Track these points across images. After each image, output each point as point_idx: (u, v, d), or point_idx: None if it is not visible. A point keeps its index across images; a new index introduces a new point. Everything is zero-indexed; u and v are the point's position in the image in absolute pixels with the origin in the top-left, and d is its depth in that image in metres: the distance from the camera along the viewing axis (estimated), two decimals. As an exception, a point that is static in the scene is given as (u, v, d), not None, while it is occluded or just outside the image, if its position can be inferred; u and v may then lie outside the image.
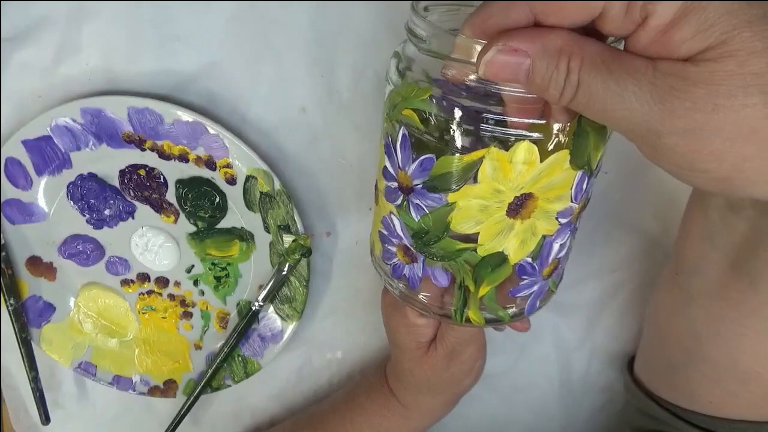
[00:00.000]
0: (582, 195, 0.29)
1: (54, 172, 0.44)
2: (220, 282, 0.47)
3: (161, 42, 0.40)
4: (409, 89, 0.28)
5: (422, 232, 0.30)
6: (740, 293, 0.31)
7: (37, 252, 0.48)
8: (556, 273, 0.33)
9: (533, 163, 0.26)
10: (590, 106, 0.23)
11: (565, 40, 0.22)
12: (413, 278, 0.33)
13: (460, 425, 0.54)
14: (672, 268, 0.37)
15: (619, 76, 0.22)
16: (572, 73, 0.22)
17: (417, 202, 0.30)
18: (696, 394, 0.37)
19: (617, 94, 0.22)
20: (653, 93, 0.21)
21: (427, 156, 0.28)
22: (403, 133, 0.29)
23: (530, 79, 0.23)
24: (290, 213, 0.43)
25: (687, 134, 0.21)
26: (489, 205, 0.28)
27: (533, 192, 0.27)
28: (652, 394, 0.41)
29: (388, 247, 0.34)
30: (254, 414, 0.55)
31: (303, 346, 0.51)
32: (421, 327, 0.40)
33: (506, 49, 0.23)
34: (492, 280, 0.30)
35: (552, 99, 0.23)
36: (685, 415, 0.37)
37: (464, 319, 0.32)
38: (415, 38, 0.27)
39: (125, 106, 0.40)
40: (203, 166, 0.42)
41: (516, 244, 0.29)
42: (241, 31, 0.40)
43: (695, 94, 0.21)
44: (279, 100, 0.42)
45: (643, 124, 0.22)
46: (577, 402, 0.55)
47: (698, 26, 0.21)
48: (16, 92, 0.42)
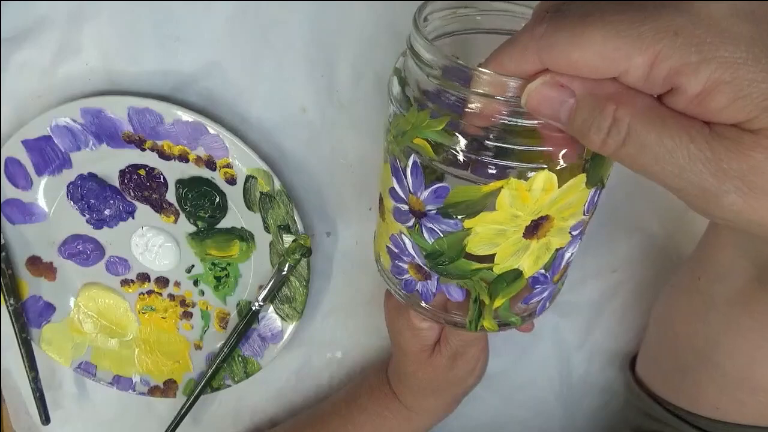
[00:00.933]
0: (593, 207, 0.30)
1: (54, 172, 0.44)
2: (220, 282, 0.47)
3: (161, 42, 0.40)
4: (419, 118, 0.27)
5: (436, 253, 0.30)
6: (764, 305, 0.32)
7: (37, 252, 0.48)
8: (564, 277, 0.34)
9: (551, 189, 0.26)
10: (638, 159, 0.22)
11: (616, 88, 0.22)
12: (426, 294, 0.33)
13: (461, 425, 0.54)
14: (692, 271, 0.37)
15: (675, 131, 0.21)
16: (621, 121, 0.21)
17: (431, 226, 0.29)
18: (702, 399, 0.37)
19: (670, 149, 0.21)
20: (708, 153, 0.21)
21: (441, 185, 0.28)
22: (414, 160, 0.28)
23: (571, 119, 0.22)
24: (290, 213, 0.43)
25: (745, 195, 0.21)
26: (506, 230, 0.28)
27: (550, 214, 0.27)
28: (654, 395, 0.41)
29: (399, 264, 0.33)
30: (254, 414, 0.55)
31: (303, 346, 0.51)
32: (425, 330, 0.40)
33: (553, 83, 0.22)
34: (507, 294, 0.31)
35: (592, 145, 0.23)
36: (688, 417, 0.37)
37: (478, 327, 0.33)
38: (424, 65, 0.26)
39: (125, 106, 0.40)
40: (203, 166, 0.42)
41: (531, 261, 0.29)
42: (241, 31, 0.40)
43: (754, 158, 0.20)
44: (279, 100, 0.42)
45: (697, 184, 0.21)
46: (577, 402, 0.55)
47: (734, 95, 0.20)
48: (16, 92, 0.42)
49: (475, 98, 0.25)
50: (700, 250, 0.37)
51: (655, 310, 0.42)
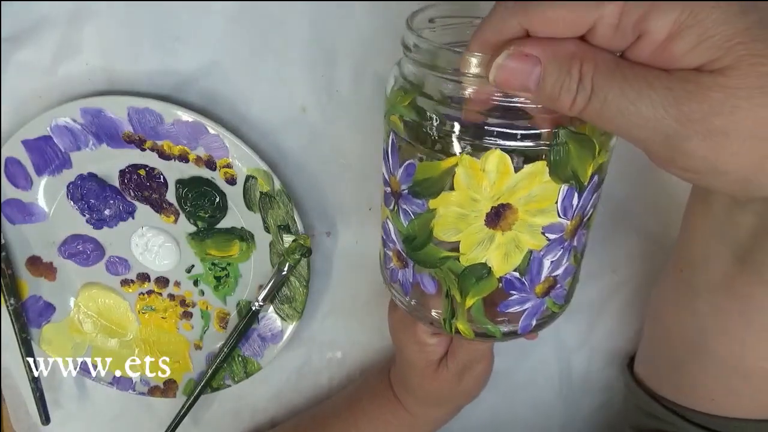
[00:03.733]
0: (574, 211, 0.28)
1: (54, 172, 0.44)
2: (220, 282, 0.47)
3: (161, 42, 0.40)
4: (395, 96, 0.28)
5: (411, 237, 0.30)
6: (748, 287, 0.31)
7: (37, 252, 0.48)
8: (554, 293, 0.32)
9: (506, 172, 0.26)
10: (604, 114, 0.22)
11: (577, 46, 0.22)
12: (406, 283, 0.33)
13: (461, 424, 0.54)
14: (675, 264, 0.37)
15: (634, 81, 0.22)
16: (585, 78, 0.22)
17: (405, 207, 0.30)
18: (698, 391, 0.37)
19: (633, 101, 0.21)
20: (670, 98, 0.21)
21: (410, 161, 0.28)
22: (392, 139, 0.29)
23: (541, 86, 0.23)
24: (290, 213, 0.43)
25: (706, 137, 0.21)
26: (467, 214, 0.28)
27: (511, 203, 0.27)
28: (652, 393, 0.41)
29: (387, 251, 0.34)
30: (254, 414, 0.55)
31: (303, 346, 0.51)
32: (432, 345, 0.40)
33: (517, 54, 0.23)
34: (477, 292, 0.30)
35: (563, 107, 0.23)
36: (686, 413, 0.37)
37: (453, 329, 0.32)
38: (411, 53, 0.27)
39: (125, 106, 0.40)
40: (203, 166, 0.42)
41: (499, 256, 0.29)
42: (241, 31, 0.40)
43: (713, 98, 0.21)
44: (279, 100, 0.42)
45: (660, 131, 0.22)
46: (577, 401, 0.55)
47: (697, 39, 0.21)
48: (16, 92, 0.42)
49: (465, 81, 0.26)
50: (679, 242, 0.37)
51: (648, 308, 0.42)
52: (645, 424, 0.41)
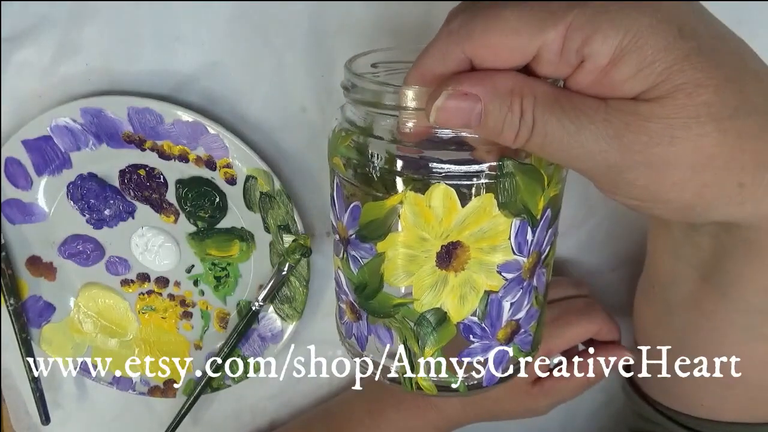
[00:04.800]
0: (529, 247, 0.27)
1: (54, 172, 0.44)
2: (220, 282, 0.47)
3: (161, 42, 0.40)
4: (335, 138, 0.28)
5: (362, 285, 0.29)
6: (713, 304, 0.31)
7: (37, 252, 0.48)
8: (519, 338, 0.30)
9: (453, 208, 0.25)
10: (546, 146, 0.22)
11: (515, 80, 0.22)
12: (361, 337, 0.31)
13: (460, 425, 0.54)
14: (648, 280, 0.37)
15: (573, 114, 0.22)
16: (526, 113, 0.22)
17: (353, 253, 0.28)
18: (687, 398, 0.37)
19: (572, 133, 0.21)
20: (609, 130, 0.21)
21: (355, 204, 0.27)
22: (336, 182, 0.28)
23: (483, 123, 0.23)
24: (290, 213, 0.43)
25: (647, 167, 0.22)
26: (417, 255, 0.26)
27: (462, 240, 0.26)
28: (647, 397, 0.41)
29: (340, 305, 0.32)
30: (254, 414, 0.55)
31: (303, 346, 0.51)
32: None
33: (456, 94, 0.22)
34: (436, 341, 0.28)
35: (507, 141, 0.23)
36: (679, 418, 0.38)
37: (413, 386, 0.29)
38: (350, 92, 0.27)
39: (125, 106, 0.40)
40: (203, 166, 0.42)
41: (455, 300, 0.27)
42: (241, 31, 0.40)
43: (651, 128, 0.21)
44: (279, 100, 0.42)
45: (602, 162, 0.22)
46: (576, 401, 0.55)
47: (638, 65, 0.20)
48: (16, 92, 0.42)
49: (405, 115, 0.25)
50: (648, 260, 0.37)
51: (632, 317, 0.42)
52: (641, 427, 0.41)
